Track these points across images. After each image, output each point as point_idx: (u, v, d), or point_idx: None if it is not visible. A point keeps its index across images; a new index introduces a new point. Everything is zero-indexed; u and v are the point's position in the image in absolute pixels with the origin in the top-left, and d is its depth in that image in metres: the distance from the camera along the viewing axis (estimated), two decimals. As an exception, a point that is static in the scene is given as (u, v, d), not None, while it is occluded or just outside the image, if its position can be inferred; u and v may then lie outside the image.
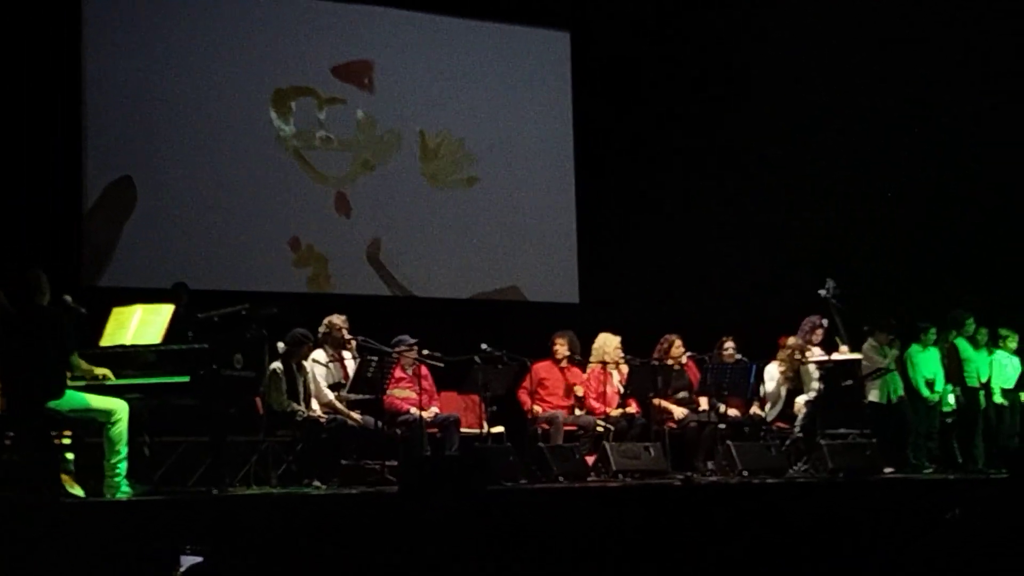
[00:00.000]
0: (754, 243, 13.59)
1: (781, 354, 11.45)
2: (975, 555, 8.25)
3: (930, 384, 11.67)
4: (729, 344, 11.49)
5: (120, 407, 7.97)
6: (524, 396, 11.09)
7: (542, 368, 11.18)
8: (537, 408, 11.01)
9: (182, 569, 6.20)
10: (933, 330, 11.80)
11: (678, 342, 11.47)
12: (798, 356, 11.33)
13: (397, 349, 10.44)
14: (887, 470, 10.85)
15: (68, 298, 8.11)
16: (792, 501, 9.11)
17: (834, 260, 12.44)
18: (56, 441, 8.09)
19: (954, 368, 11.79)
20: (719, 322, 11.95)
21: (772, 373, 11.39)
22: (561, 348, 11.27)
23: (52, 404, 7.82)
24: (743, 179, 13.76)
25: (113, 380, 8.16)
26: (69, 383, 7.95)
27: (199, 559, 6.26)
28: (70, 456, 8.19)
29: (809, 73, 13.56)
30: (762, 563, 8.08)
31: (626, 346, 11.44)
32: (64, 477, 8.00)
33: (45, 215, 11.06)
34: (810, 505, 9.01)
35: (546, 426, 10.95)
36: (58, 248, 10.71)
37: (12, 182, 10.91)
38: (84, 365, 8.05)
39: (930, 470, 11.20)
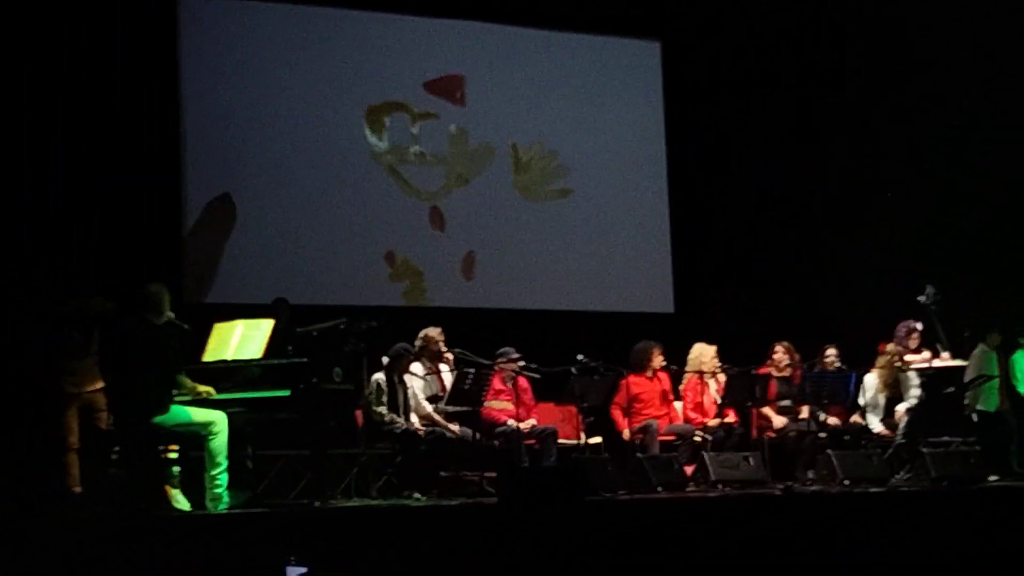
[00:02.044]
0: (852, 250, 13.43)
1: (880, 361, 11.31)
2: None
3: (1037, 391, 11.47)
4: (831, 351, 11.38)
5: (220, 419, 8.10)
6: (617, 414, 11.00)
7: (634, 382, 11.11)
8: (626, 433, 10.94)
9: (289, 580, 6.28)
10: (1034, 334, 11.59)
11: (780, 348, 11.38)
12: (897, 362, 11.19)
13: (498, 361, 10.47)
14: (991, 478, 10.66)
15: (171, 315, 8.26)
16: (895, 510, 8.99)
17: (934, 266, 12.26)
18: (162, 455, 8.23)
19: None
20: (817, 331, 11.83)
21: (871, 381, 11.25)
22: (656, 359, 11.19)
23: (157, 419, 7.97)
24: (840, 185, 13.63)
25: (215, 396, 8.29)
26: (174, 399, 8.10)
27: (303, 570, 6.33)
28: (175, 470, 8.33)
29: (906, 76, 13.41)
30: (864, 573, 7.99)
31: (721, 356, 11.36)
32: (170, 491, 8.14)
33: (148, 235, 11.27)
34: (913, 514, 8.88)
35: (641, 436, 10.90)
36: (161, 266, 10.89)
37: (115, 202, 11.12)
38: (189, 383, 8.20)
39: (1036, 478, 10.99)
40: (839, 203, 13.61)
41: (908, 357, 11.20)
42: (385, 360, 10.04)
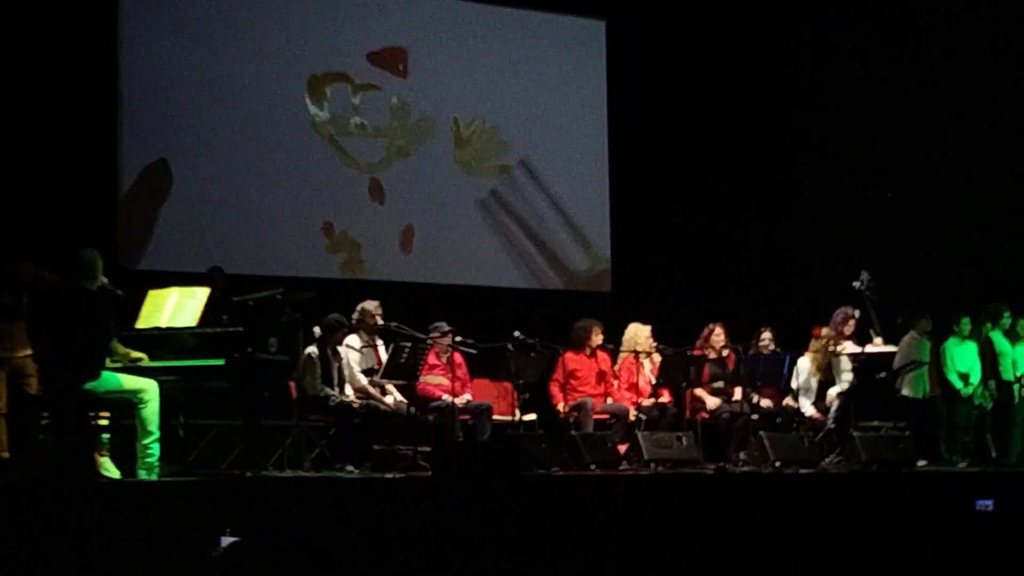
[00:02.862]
0: (789, 234, 13.53)
1: (814, 345, 11.41)
2: (1008, 548, 8.23)
3: (964, 377, 11.60)
4: (766, 335, 11.46)
5: (151, 387, 8.00)
6: (555, 389, 11.07)
7: (571, 359, 11.15)
8: (562, 404, 10.98)
9: (220, 549, 6.23)
10: (966, 320, 11.71)
11: (719, 330, 11.45)
12: (831, 347, 11.29)
13: (432, 335, 10.45)
14: (920, 463, 10.80)
15: (105, 280, 8.14)
16: (824, 493, 9.08)
17: (868, 252, 12.37)
18: (92, 422, 8.13)
19: (988, 361, 11.70)
20: (752, 313, 11.92)
21: (804, 364, 11.35)
22: (596, 337, 11.23)
23: (88, 385, 7.87)
24: (778, 169, 13.71)
25: (148, 363, 8.20)
26: (106, 365, 8.00)
27: (237, 539, 6.29)
28: (105, 437, 8.23)
29: (845, 62, 13.50)
30: (793, 554, 8.07)
31: (657, 336, 11.41)
32: (99, 458, 8.04)
33: (82, 198, 11.11)
34: (842, 497, 8.98)
35: (575, 414, 10.93)
36: (94, 231, 10.71)
37: (49, 166, 10.95)
38: (121, 349, 8.09)
39: (964, 464, 11.13)
40: (777, 186, 13.69)
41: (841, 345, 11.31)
42: (317, 331, 9.98)
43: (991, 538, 8.38)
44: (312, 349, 9.92)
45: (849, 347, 11.28)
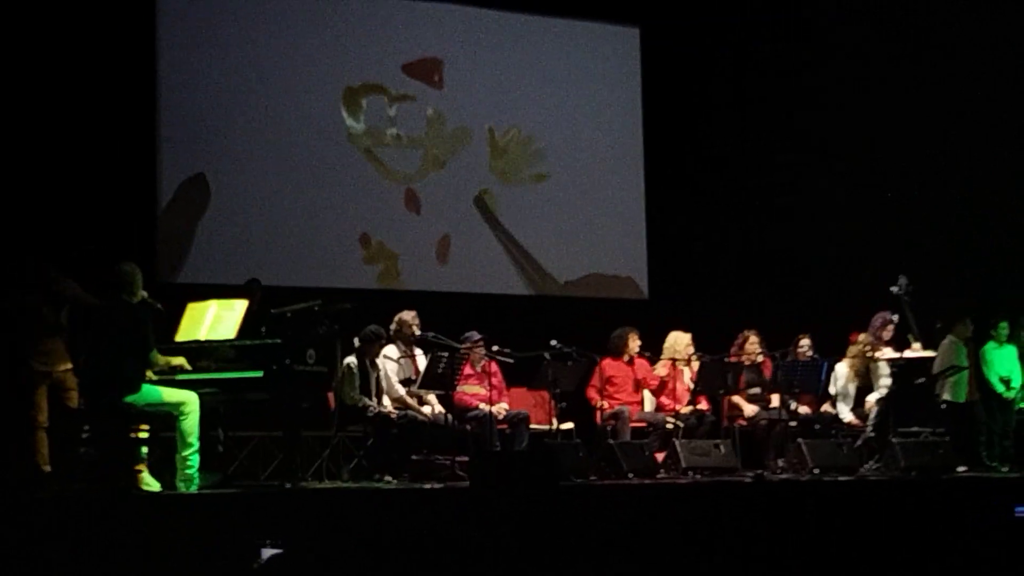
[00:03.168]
0: (827, 240, 13.46)
1: (851, 351, 11.35)
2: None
3: (1005, 382, 11.52)
4: (805, 341, 11.41)
5: (191, 399, 8.07)
6: (593, 393, 11.08)
7: (609, 365, 11.16)
8: (604, 403, 10.99)
9: (261, 561, 6.27)
10: (1004, 325, 11.64)
11: (753, 337, 11.43)
12: (869, 353, 11.24)
13: (465, 345, 10.48)
14: (960, 469, 10.73)
15: (145, 294, 8.22)
16: (864, 499, 9.04)
17: (906, 257, 12.31)
18: (132, 435, 8.20)
19: (1030, 365, 11.63)
20: (791, 320, 11.87)
21: (842, 370, 11.30)
22: (633, 343, 11.24)
23: (128, 398, 7.95)
24: (816, 175, 13.63)
25: (189, 369, 8.26)
26: (146, 378, 8.07)
27: (279, 551, 6.33)
28: (145, 450, 8.30)
29: (884, 66, 13.44)
30: (833, 561, 8.04)
31: (697, 344, 11.40)
32: (139, 471, 8.11)
33: (121, 213, 11.20)
34: (882, 504, 8.93)
35: (613, 422, 10.93)
36: (134, 245, 10.82)
37: (89, 181, 11.05)
38: (162, 359, 8.17)
39: (1005, 469, 11.05)
40: (816, 192, 13.63)
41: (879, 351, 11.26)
42: (356, 342, 10.04)
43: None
44: (350, 360, 9.97)
45: (887, 352, 11.21)
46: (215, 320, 8.72)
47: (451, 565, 7.20)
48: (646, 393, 11.37)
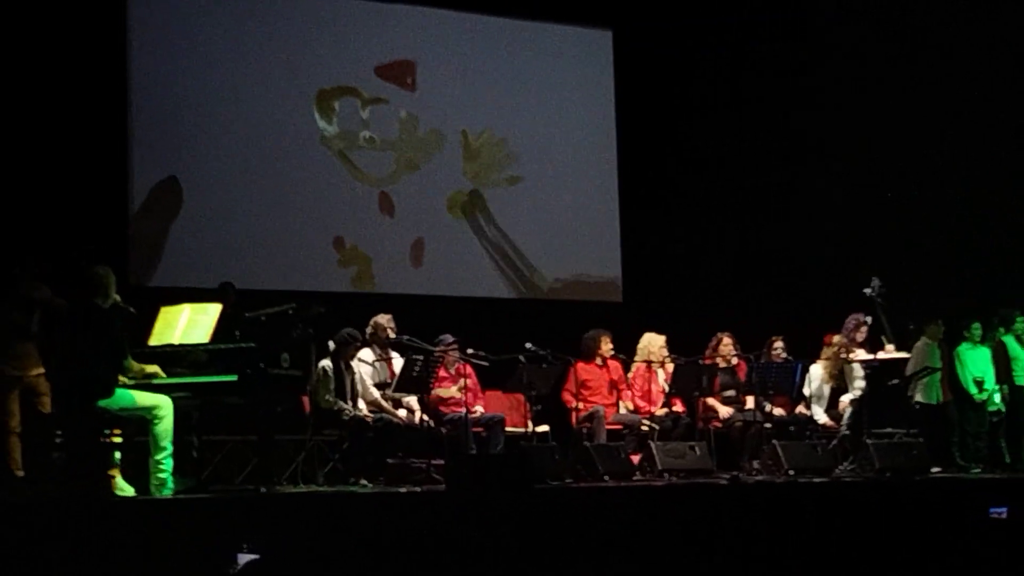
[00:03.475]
0: (801, 242, 13.49)
1: (825, 352, 11.40)
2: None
3: (979, 383, 11.57)
4: (779, 344, 11.47)
5: (164, 403, 8.03)
6: (568, 397, 11.07)
7: (583, 369, 11.16)
8: (580, 406, 10.99)
9: (238, 566, 6.24)
10: (977, 326, 11.71)
11: (727, 340, 11.45)
12: (842, 354, 11.28)
13: (439, 348, 10.46)
14: (934, 470, 10.77)
15: (117, 298, 8.17)
16: (839, 500, 9.06)
17: (879, 258, 12.36)
18: (105, 440, 8.14)
19: (1002, 366, 11.68)
20: (764, 321, 11.90)
21: (816, 372, 11.34)
22: (605, 346, 11.24)
23: (101, 403, 7.89)
24: (788, 177, 13.68)
25: (163, 377, 8.22)
26: (119, 382, 8.01)
27: (254, 556, 6.30)
28: (118, 455, 8.25)
29: (854, 68, 13.49)
30: (808, 562, 8.06)
31: (671, 346, 11.41)
32: (113, 476, 8.06)
33: (93, 216, 11.13)
34: (857, 504, 8.96)
35: (588, 424, 10.93)
36: (106, 248, 10.73)
37: (60, 184, 10.98)
38: (136, 366, 8.12)
39: (978, 470, 11.11)
40: (787, 193, 13.67)
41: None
42: (331, 346, 10.01)
43: (1006, 545, 8.35)
44: (325, 363, 9.94)
45: (861, 354, 11.26)
46: (188, 324, 8.66)
47: (428, 569, 7.18)
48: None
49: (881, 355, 11.19)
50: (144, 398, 8.03)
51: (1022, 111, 12.98)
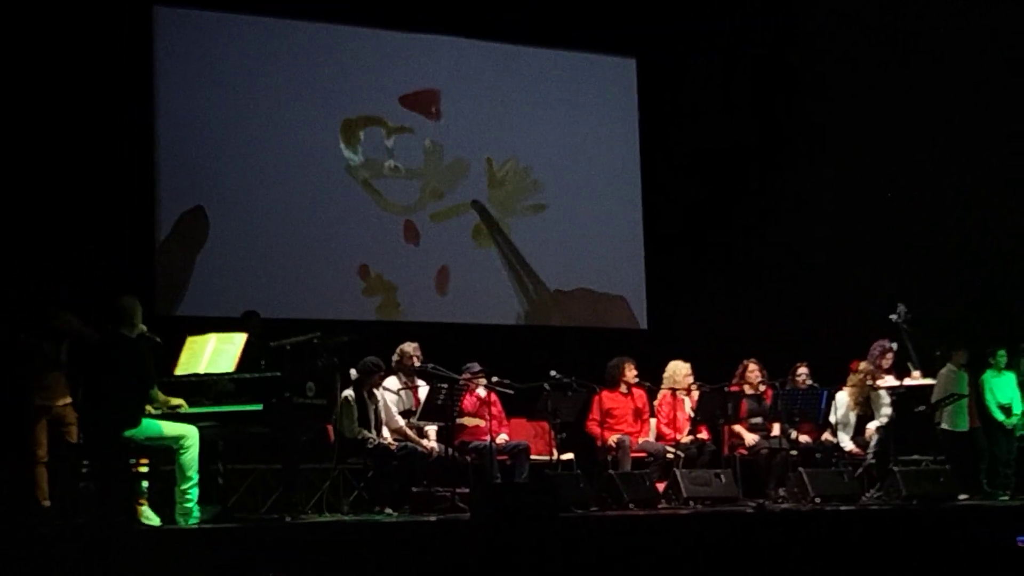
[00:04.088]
0: (825, 268, 13.45)
1: (851, 379, 11.35)
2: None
3: (1006, 409, 11.52)
4: (803, 370, 11.43)
5: (191, 433, 8.07)
6: (594, 427, 11.05)
7: (608, 397, 11.14)
8: (604, 441, 10.97)
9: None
10: (1002, 353, 11.66)
11: (753, 366, 11.43)
12: (868, 381, 11.23)
13: (464, 376, 10.48)
14: (961, 497, 10.71)
15: (144, 328, 8.22)
16: (865, 528, 9.02)
17: (904, 285, 12.32)
18: (132, 469, 8.18)
19: (1030, 393, 11.63)
20: (789, 349, 11.87)
21: (842, 399, 11.29)
22: (629, 373, 11.23)
23: (128, 432, 7.93)
24: (813, 205, 13.64)
25: (188, 409, 8.26)
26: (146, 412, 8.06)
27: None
28: (145, 484, 8.28)
29: (878, 97, 13.47)
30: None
31: (696, 373, 11.39)
32: (140, 505, 8.09)
33: (120, 246, 11.20)
34: (884, 532, 8.91)
35: (613, 451, 10.91)
36: (133, 278, 10.81)
37: (87, 214, 11.06)
38: (161, 396, 8.16)
39: (1006, 497, 11.03)
40: (813, 221, 13.63)
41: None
42: (354, 374, 10.03)
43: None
44: (349, 392, 9.96)
45: (887, 381, 11.22)
46: (214, 353, 8.71)
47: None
48: (652, 421, 11.35)
49: (907, 381, 11.15)
50: (170, 428, 8.08)
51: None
